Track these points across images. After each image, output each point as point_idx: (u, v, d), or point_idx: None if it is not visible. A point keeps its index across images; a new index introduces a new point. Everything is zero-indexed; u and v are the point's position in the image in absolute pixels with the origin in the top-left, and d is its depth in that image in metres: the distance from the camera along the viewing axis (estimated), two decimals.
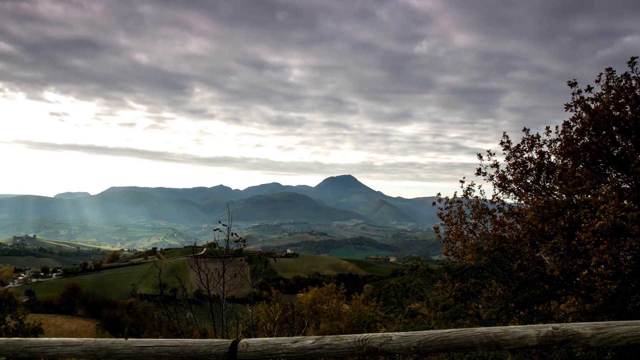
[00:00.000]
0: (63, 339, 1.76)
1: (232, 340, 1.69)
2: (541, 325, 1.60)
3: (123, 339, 1.73)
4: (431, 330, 1.64)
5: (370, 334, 1.68)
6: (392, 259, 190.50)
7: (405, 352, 1.55)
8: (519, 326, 1.58)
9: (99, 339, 1.78)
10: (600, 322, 1.68)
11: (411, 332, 1.66)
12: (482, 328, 1.59)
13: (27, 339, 1.74)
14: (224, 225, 7.24)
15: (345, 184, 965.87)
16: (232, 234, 7.31)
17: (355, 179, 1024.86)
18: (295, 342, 1.64)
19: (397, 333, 1.68)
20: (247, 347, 1.63)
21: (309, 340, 1.64)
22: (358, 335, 1.69)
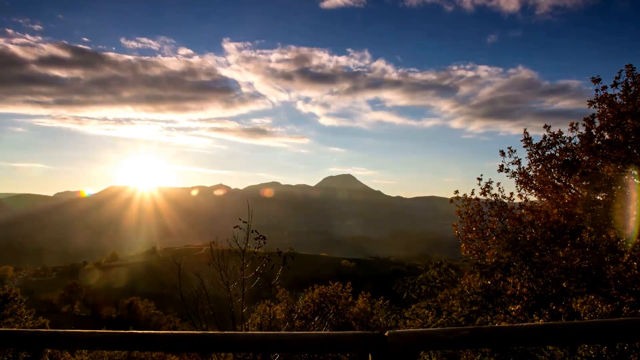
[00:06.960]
0: (177, 332, 1.72)
1: (378, 332, 1.65)
2: None
3: (256, 332, 1.68)
4: (594, 320, 1.61)
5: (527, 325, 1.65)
6: (392, 258, 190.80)
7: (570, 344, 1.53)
8: None
9: (226, 332, 1.73)
10: None
11: (569, 322, 1.64)
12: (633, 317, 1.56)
13: (137, 331, 1.69)
14: (244, 222, 7.16)
15: (344, 182, 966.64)
16: (252, 231, 7.23)
17: (355, 178, 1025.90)
18: (450, 333, 1.60)
19: (559, 323, 1.65)
20: (398, 339, 1.59)
21: (464, 332, 1.61)
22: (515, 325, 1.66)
